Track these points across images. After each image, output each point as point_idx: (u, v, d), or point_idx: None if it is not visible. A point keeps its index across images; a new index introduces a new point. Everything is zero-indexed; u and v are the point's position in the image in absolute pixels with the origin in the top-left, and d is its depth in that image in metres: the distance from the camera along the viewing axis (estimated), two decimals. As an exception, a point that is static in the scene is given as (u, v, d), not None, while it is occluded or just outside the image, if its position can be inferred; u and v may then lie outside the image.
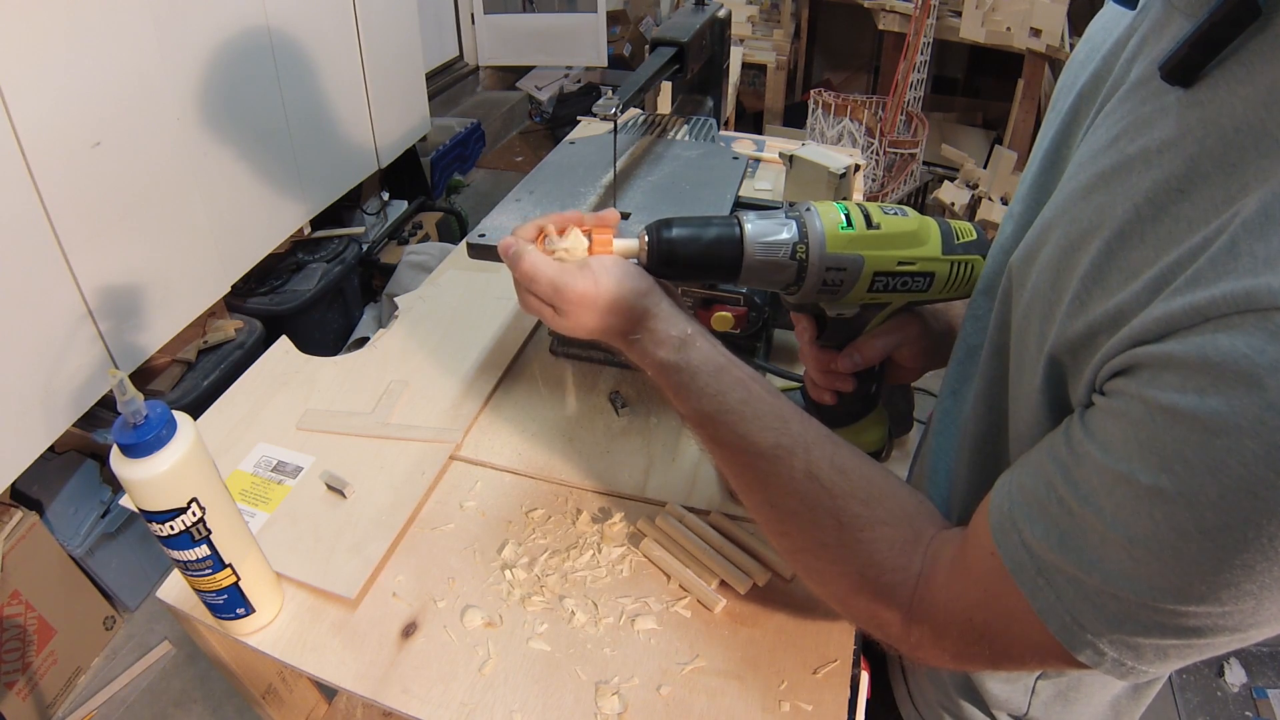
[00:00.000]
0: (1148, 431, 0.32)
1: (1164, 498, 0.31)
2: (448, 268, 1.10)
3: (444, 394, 0.86)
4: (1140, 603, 0.34)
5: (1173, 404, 0.31)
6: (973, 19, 2.47)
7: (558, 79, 3.74)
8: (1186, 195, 0.33)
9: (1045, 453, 0.39)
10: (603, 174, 0.84)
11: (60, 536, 1.43)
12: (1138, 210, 0.35)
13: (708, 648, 0.62)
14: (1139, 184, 0.35)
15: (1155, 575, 0.33)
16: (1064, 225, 0.40)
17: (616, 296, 0.52)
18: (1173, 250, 0.33)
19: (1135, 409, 0.33)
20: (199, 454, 0.53)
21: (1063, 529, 0.36)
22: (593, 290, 0.52)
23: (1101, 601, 0.35)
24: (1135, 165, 0.36)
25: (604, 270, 0.52)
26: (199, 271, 1.60)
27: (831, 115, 2.73)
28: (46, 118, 1.20)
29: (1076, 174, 0.41)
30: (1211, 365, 0.29)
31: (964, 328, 0.55)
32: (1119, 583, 0.34)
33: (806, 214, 0.53)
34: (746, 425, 0.50)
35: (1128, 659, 0.36)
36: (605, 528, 0.71)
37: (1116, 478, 0.33)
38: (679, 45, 0.87)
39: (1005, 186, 2.45)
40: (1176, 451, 0.31)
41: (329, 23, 1.92)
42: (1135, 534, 0.33)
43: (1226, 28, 0.32)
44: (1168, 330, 0.31)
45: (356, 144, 2.13)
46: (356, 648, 0.61)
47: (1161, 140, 0.35)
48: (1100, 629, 0.36)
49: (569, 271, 0.52)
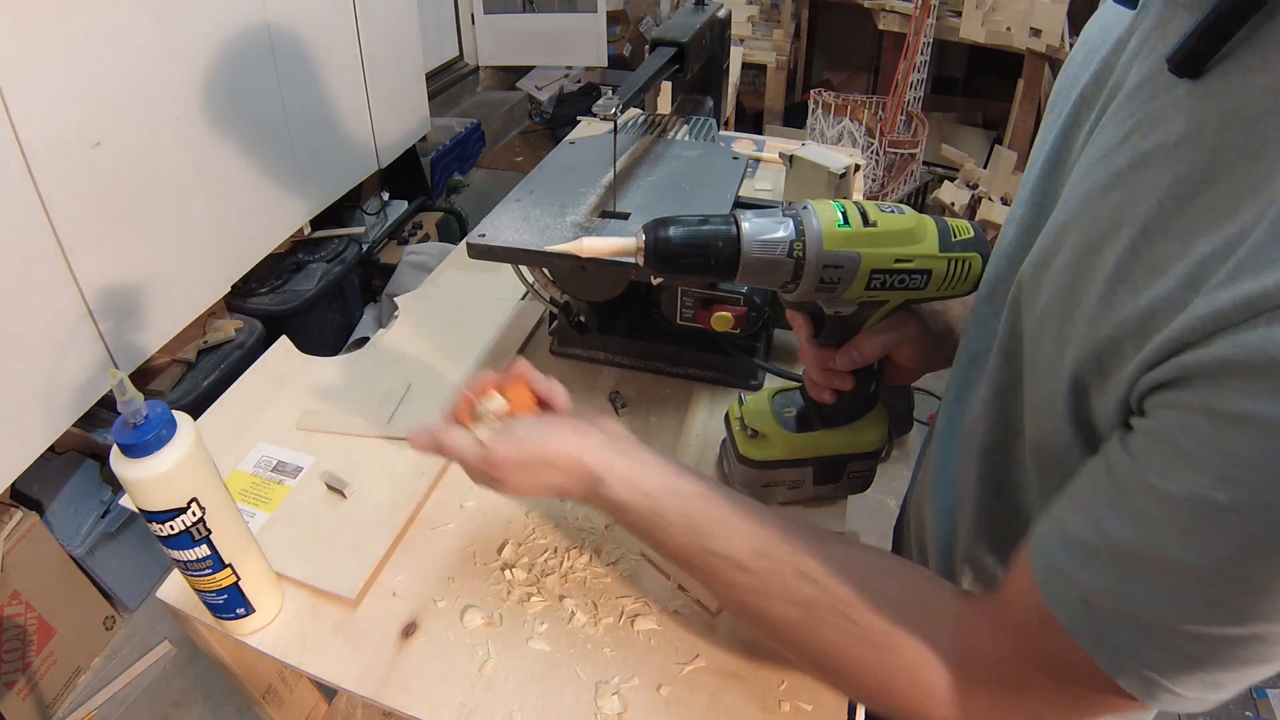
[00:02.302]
0: (1215, 445, 0.30)
1: (1243, 514, 0.29)
2: (448, 268, 1.10)
3: (444, 394, 0.86)
4: (1225, 637, 0.32)
5: (1241, 411, 0.28)
6: (973, 19, 2.47)
7: (558, 79, 3.74)
8: (1210, 186, 0.32)
9: (1086, 491, 0.36)
10: (603, 174, 0.84)
11: (60, 536, 1.43)
12: (1161, 205, 0.34)
13: (708, 648, 0.61)
14: (1159, 179, 0.35)
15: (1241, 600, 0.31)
16: (1081, 227, 0.39)
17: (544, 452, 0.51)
18: (1202, 242, 0.32)
19: (1197, 423, 0.30)
20: (199, 454, 0.53)
21: (1121, 571, 0.34)
22: (516, 452, 0.51)
23: (1177, 644, 0.33)
24: (1153, 161, 0.35)
25: (526, 428, 0.53)
26: (199, 271, 1.60)
27: (831, 115, 2.73)
28: (46, 118, 1.20)
29: (1088, 175, 0.40)
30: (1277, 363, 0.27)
31: (966, 334, 0.55)
32: (1197, 616, 0.32)
33: (803, 212, 0.53)
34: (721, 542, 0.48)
35: (1209, 693, 0.34)
36: (605, 528, 0.71)
37: (1181, 502, 0.31)
38: (679, 45, 0.87)
39: (1005, 186, 2.44)
40: (1253, 461, 0.28)
41: (329, 23, 1.92)
42: (1211, 559, 0.30)
43: (1234, 17, 0.32)
44: (1215, 328, 0.30)
45: (356, 144, 2.13)
46: (356, 648, 0.61)
47: (1178, 134, 0.35)
48: (1176, 673, 0.33)
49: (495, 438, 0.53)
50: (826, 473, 0.70)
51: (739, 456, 0.69)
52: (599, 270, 0.76)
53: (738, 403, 0.71)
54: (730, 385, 0.87)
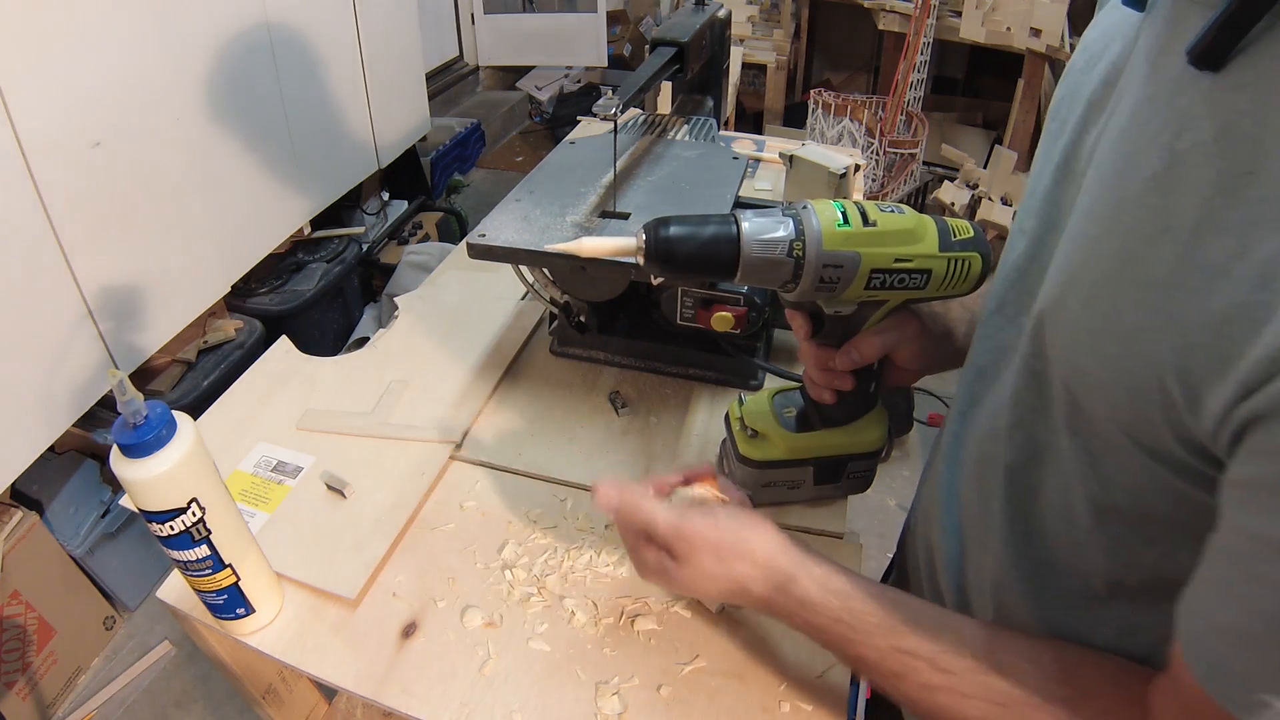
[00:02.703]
0: None
1: None
2: (448, 268, 1.10)
3: (444, 394, 0.86)
4: None
5: None
6: (973, 19, 2.47)
7: (558, 79, 3.74)
8: (1258, 176, 0.31)
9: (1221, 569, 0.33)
10: (603, 174, 0.84)
11: (60, 536, 1.43)
12: (1208, 202, 0.33)
13: (708, 648, 0.62)
14: (1201, 176, 0.33)
15: None
16: (1119, 235, 0.37)
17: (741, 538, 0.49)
18: (1263, 237, 0.30)
19: None
20: (199, 454, 0.53)
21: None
22: (712, 531, 0.49)
23: None
24: (1190, 159, 0.34)
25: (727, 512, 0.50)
26: (199, 271, 1.60)
27: (831, 115, 2.73)
28: (46, 118, 1.20)
29: (1116, 184, 0.39)
30: None
31: (973, 348, 0.53)
32: None
33: (803, 212, 0.53)
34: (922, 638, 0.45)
35: None
36: (605, 528, 0.71)
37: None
38: (679, 45, 0.87)
39: (1005, 186, 2.44)
40: None
41: (329, 23, 1.92)
42: None
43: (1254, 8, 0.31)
44: None
45: (356, 144, 2.13)
46: (356, 648, 0.61)
47: (1213, 129, 0.34)
48: None
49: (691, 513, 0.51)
50: (826, 473, 0.70)
51: (739, 456, 0.69)
52: (599, 270, 0.76)
53: (738, 403, 0.71)
54: (730, 385, 0.87)
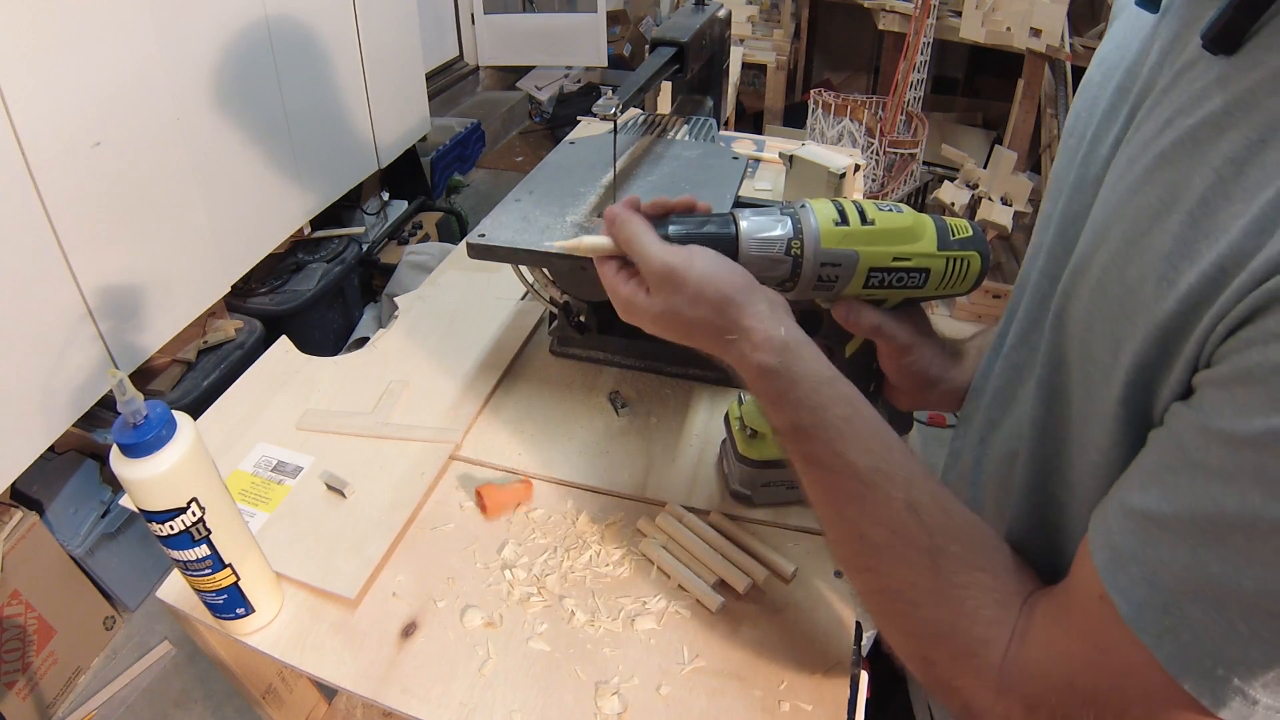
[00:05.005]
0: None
1: None
2: (448, 268, 1.10)
3: (444, 394, 0.86)
4: None
5: None
6: (973, 19, 2.46)
7: (558, 79, 3.74)
8: (1269, 143, 0.31)
9: (1150, 462, 0.34)
10: (603, 174, 0.84)
11: (60, 536, 1.43)
12: (1218, 174, 0.32)
13: (708, 648, 0.62)
14: (1213, 151, 0.33)
15: None
16: (1128, 218, 0.37)
17: (708, 278, 0.49)
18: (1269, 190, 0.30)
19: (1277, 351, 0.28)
20: (199, 454, 0.53)
21: (1195, 541, 0.30)
22: (684, 265, 0.49)
23: (1258, 626, 0.29)
24: (1201, 134, 0.34)
25: (699, 253, 0.50)
26: (199, 271, 1.60)
27: (831, 115, 2.73)
28: (46, 118, 1.20)
29: (1126, 173, 0.39)
30: None
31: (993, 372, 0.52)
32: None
33: (801, 210, 0.53)
34: (846, 444, 0.46)
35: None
36: (605, 528, 0.71)
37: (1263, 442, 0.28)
38: (679, 45, 0.87)
39: (1005, 186, 2.44)
40: None
41: (329, 23, 1.92)
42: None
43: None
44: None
45: (356, 144, 2.13)
46: (356, 648, 0.61)
47: (1225, 103, 0.33)
48: (1255, 668, 0.29)
49: (667, 247, 0.51)
50: (826, 472, 0.70)
51: (739, 456, 0.69)
52: (599, 270, 0.76)
53: (737, 403, 0.71)
54: (730, 385, 0.87)
